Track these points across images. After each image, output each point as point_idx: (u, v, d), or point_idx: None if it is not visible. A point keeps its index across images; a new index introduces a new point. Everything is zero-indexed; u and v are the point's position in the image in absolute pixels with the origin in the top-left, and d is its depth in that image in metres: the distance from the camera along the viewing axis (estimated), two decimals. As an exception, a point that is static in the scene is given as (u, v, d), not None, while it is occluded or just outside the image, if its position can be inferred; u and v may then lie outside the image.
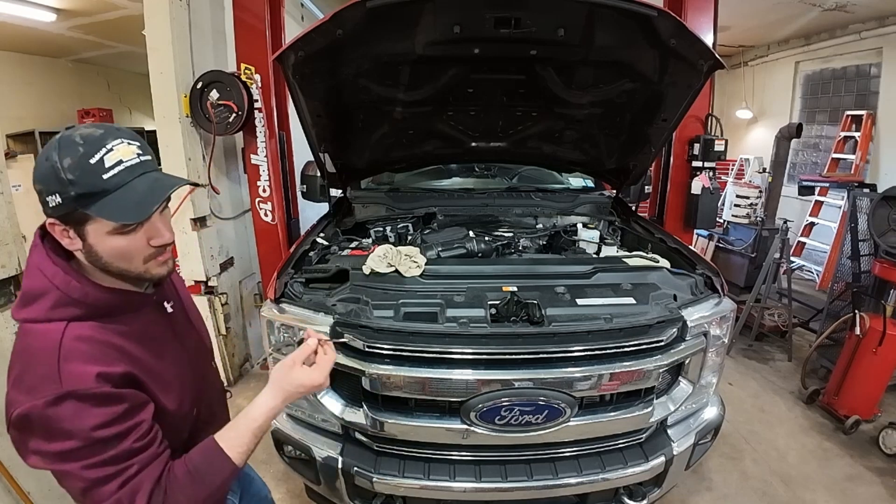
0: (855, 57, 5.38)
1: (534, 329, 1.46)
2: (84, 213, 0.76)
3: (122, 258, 0.81)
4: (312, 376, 0.91)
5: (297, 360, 0.91)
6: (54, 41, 4.76)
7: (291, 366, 0.91)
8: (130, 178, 0.78)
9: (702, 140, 3.10)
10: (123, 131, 0.81)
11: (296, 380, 0.89)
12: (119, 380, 0.78)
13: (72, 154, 0.74)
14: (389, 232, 2.36)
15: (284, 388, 0.89)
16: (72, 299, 0.79)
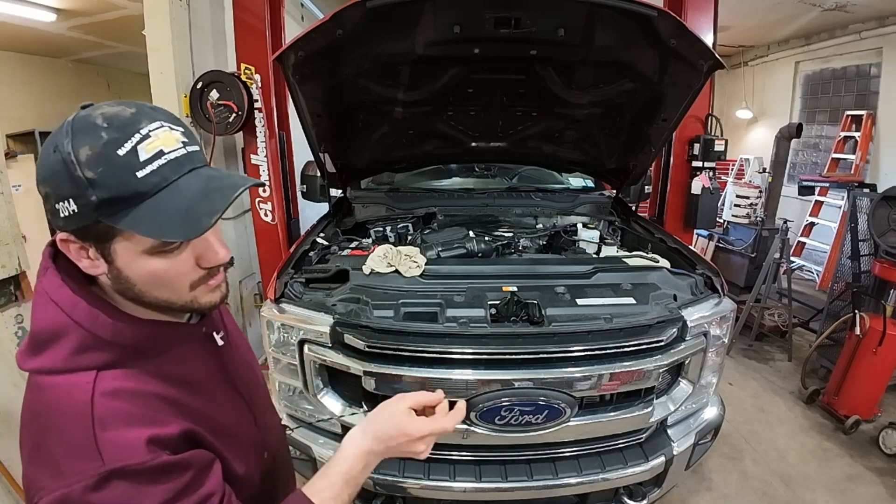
0: (855, 57, 5.38)
1: (534, 329, 1.46)
2: (110, 227, 0.56)
3: (162, 285, 0.62)
4: (424, 427, 0.71)
5: (411, 402, 0.74)
6: (54, 41, 4.76)
7: (404, 409, 0.72)
8: (175, 177, 0.57)
9: (702, 140, 3.10)
10: (161, 111, 0.61)
11: (402, 425, 0.71)
12: (177, 441, 0.60)
13: (92, 142, 0.53)
14: (389, 232, 2.36)
15: (384, 429, 0.71)
16: (101, 340, 0.59)
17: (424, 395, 0.75)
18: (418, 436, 0.70)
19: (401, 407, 0.73)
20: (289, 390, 1.67)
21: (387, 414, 0.73)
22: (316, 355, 1.52)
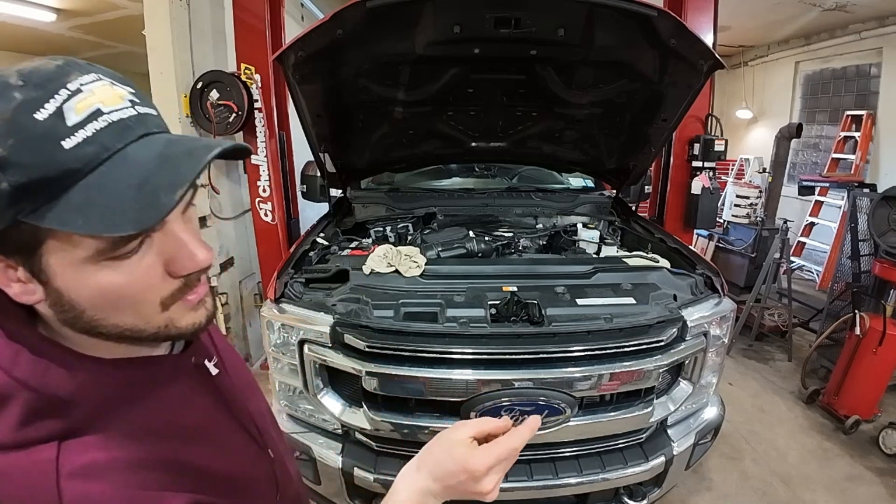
0: (855, 57, 5.38)
1: (534, 329, 1.46)
2: (35, 228, 0.39)
3: (122, 307, 0.45)
4: (488, 459, 0.56)
5: (472, 431, 0.59)
6: (54, 41, 4.75)
7: (464, 440, 0.57)
8: (120, 146, 0.41)
9: (702, 140, 3.10)
10: (100, 68, 0.48)
11: (462, 460, 0.55)
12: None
13: (2, 104, 0.38)
14: (389, 232, 2.36)
15: (443, 466, 0.56)
16: (57, 400, 0.43)
17: (488, 423, 0.61)
18: (482, 469, 0.55)
19: (459, 436, 0.58)
20: (289, 390, 1.68)
21: (444, 446, 0.58)
22: (316, 355, 1.52)
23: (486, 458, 0.55)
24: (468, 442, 0.57)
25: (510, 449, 0.57)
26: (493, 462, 0.56)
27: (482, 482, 0.55)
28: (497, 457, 0.56)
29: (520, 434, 0.60)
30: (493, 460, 0.56)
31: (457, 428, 0.60)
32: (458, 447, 0.56)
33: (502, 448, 0.57)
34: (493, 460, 0.56)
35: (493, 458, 0.56)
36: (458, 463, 0.55)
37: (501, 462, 0.56)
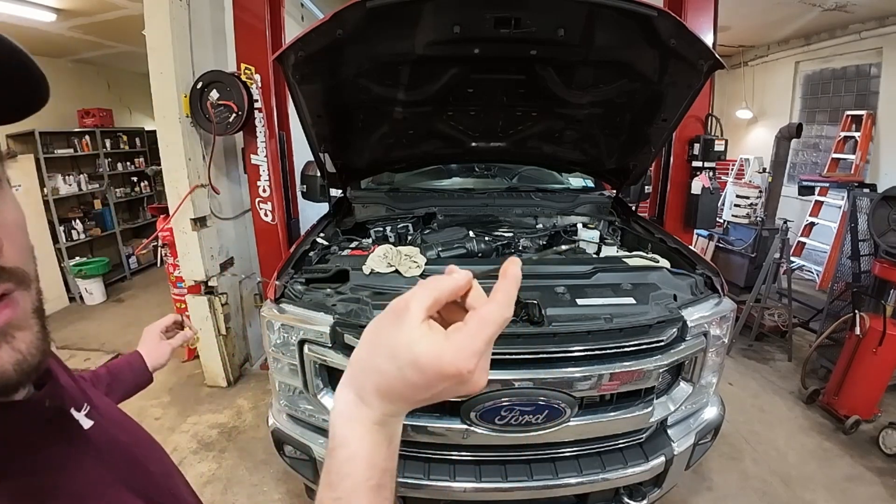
0: (855, 57, 5.37)
1: (534, 329, 1.46)
2: None
3: None
4: (470, 345, 0.35)
5: (423, 306, 0.36)
6: (54, 41, 4.75)
7: (417, 332, 0.35)
8: None
9: (702, 140, 3.10)
10: None
11: (430, 363, 0.34)
12: None
13: None
14: (389, 232, 2.36)
15: (397, 380, 0.36)
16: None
17: (440, 285, 0.37)
18: (470, 366, 0.35)
19: (410, 325, 0.35)
20: (289, 390, 1.68)
21: (391, 347, 0.35)
22: (316, 355, 1.52)
23: (469, 346, 0.35)
24: (425, 329, 0.35)
25: (497, 319, 0.36)
26: (483, 347, 0.36)
27: (472, 381, 0.36)
28: (484, 338, 0.36)
29: (502, 297, 0.37)
30: (482, 345, 0.35)
31: (399, 311, 0.36)
32: (415, 345, 0.34)
33: (486, 320, 0.36)
34: (482, 345, 0.35)
35: (481, 342, 0.35)
36: (425, 370, 0.34)
37: (492, 339, 0.36)
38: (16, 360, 0.35)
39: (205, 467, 2.48)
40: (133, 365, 0.96)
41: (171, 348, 1.03)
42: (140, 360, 0.97)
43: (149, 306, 4.97)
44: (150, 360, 0.98)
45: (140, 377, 0.96)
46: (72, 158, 5.45)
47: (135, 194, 6.38)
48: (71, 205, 5.47)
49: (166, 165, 2.84)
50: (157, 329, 1.03)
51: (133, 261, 6.01)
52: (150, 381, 1.00)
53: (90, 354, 3.81)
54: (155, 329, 1.03)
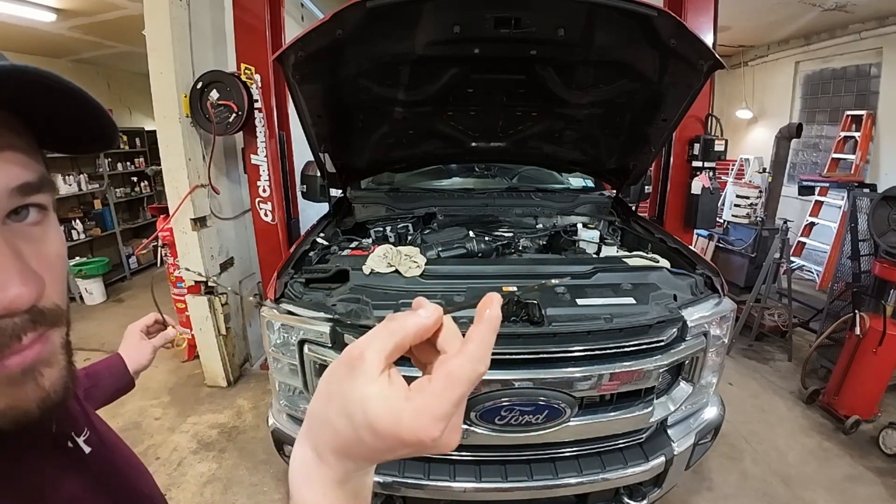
0: (855, 57, 5.37)
1: (534, 329, 1.46)
2: None
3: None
4: (440, 411, 0.29)
5: (382, 354, 0.31)
6: (54, 41, 4.75)
7: (373, 379, 0.30)
8: None
9: (702, 140, 3.10)
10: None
11: (388, 428, 0.29)
12: None
13: None
14: (389, 232, 2.36)
15: (352, 443, 0.31)
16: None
17: (401, 326, 0.33)
18: (435, 433, 0.29)
19: (366, 377, 0.30)
20: (289, 390, 1.68)
21: (344, 404, 0.30)
22: (316, 355, 1.52)
23: (433, 411, 0.29)
24: (383, 384, 0.30)
25: (467, 377, 0.30)
26: (449, 410, 0.30)
27: (438, 446, 0.30)
28: (452, 400, 0.30)
29: (479, 341, 0.32)
30: (448, 408, 0.29)
31: (353, 361, 0.31)
32: (370, 406, 0.29)
33: (455, 379, 0.30)
34: (448, 408, 0.29)
35: (447, 404, 0.29)
36: (382, 435, 0.29)
37: (463, 399, 0.31)
38: (40, 398, 0.34)
39: (205, 467, 2.48)
40: (113, 369, 0.91)
41: (154, 348, 0.97)
42: (120, 363, 0.91)
43: (149, 306, 4.93)
44: (131, 363, 0.92)
45: (120, 381, 0.91)
46: (72, 158, 5.44)
47: (135, 194, 6.39)
48: (71, 205, 5.47)
49: (166, 165, 2.84)
50: (137, 328, 0.97)
51: (133, 261, 6.01)
52: (132, 385, 0.93)
53: (90, 354, 3.81)
54: (135, 329, 0.97)
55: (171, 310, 3.89)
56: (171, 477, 2.41)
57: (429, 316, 0.33)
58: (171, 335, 1.01)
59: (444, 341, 0.34)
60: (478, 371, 0.31)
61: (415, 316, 0.33)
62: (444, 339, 0.34)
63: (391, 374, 0.31)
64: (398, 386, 0.31)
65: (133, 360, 0.93)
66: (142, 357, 0.94)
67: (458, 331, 0.35)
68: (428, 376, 0.31)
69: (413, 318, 0.33)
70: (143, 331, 0.98)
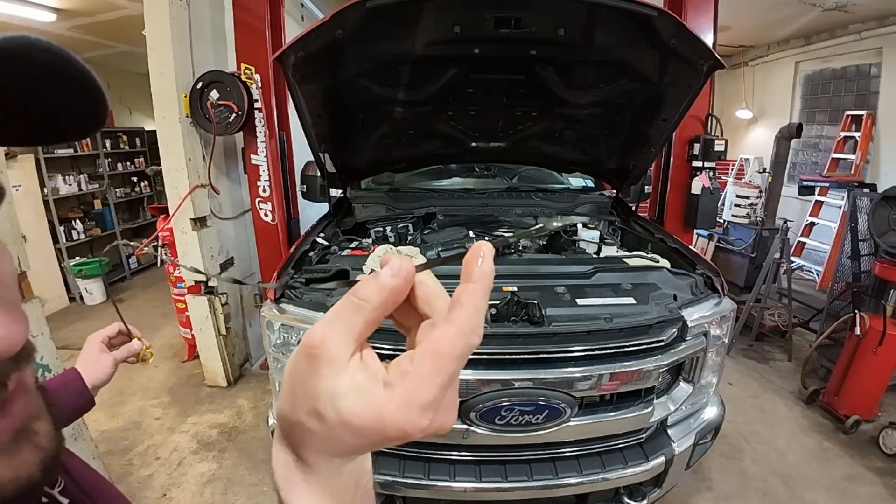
0: (855, 57, 5.37)
1: (534, 329, 1.46)
2: None
3: None
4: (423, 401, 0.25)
5: (351, 341, 0.26)
6: (54, 41, 4.76)
7: (342, 367, 0.25)
8: None
9: (702, 140, 3.10)
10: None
11: (369, 423, 0.25)
12: None
13: None
14: (389, 232, 2.36)
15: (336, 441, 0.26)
16: None
17: (364, 298, 0.27)
18: (417, 429, 0.26)
19: (333, 378, 0.25)
20: (289, 390, 1.67)
21: (309, 406, 0.26)
22: (316, 355, 1.52)
23: (419, 399, 0.25)
24: (355, 371, 0.26)
25: (457, 352, 0.26)
26: (438, 395, 0.26)
27: (430, 430, 0.26)
28: (440, 383, 0.26)
29: (469, 305, 0.26)
30: (436, 392, 0.26)
31: (312, 351, 0.26)
32: (342, 403, 0.25)
33: (441, 356, 0.26)
34: (436, 392, 0.26)
35: (435, 388, 0.25)
36: (362, 433, 0.26)
37: (454, 377, 0.27)
38: (41, 459, 0.29)
39: (205, 467, 2.48)
40: (70, 385, 0.80)
41: (115, 362, 0.86)
42: (77, 379, 0.81)
43: (149, 306, 4.97)
44: (88, 377, 0.82)
45: (78, 400, 0.80)
46: (72, 158, 5.45)
47: (135, 194, 6.39)
48: (71, 205, 5.47)
49: (166, 165, 2.84)
50: (98, 338, 0.87)
51: (133, 261, 6.01)
52: (92, 403, 0.83)
53: (90, 354, 3.81)
54: (96, 339, 0.87)
55: (171, 310, 3.90)
56: (171, 477, 2.41)
57: (394, 276, 0.27)
58: (136, 348, 0.90)
59: (426, 302, 0.28)
60: (471, 344, 0.26)
61: (376, 281, 0.27)
62: (425, 299, 0.28)
63: (364, 357, 0.26)
64: (374, 371, 0.26)
65: (91, 374, 0.83)
66: (100, 371, 0.84)
67: (441, 289, 0.29)
68: (410, 353, 0.26)
69: (375, 283, 0.27)
70: (105, 342, 0.88)
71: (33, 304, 1.66)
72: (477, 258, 0.27)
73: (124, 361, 0.89)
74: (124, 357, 0.89)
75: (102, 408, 3.02)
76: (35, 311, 1.66)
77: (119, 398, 3.14)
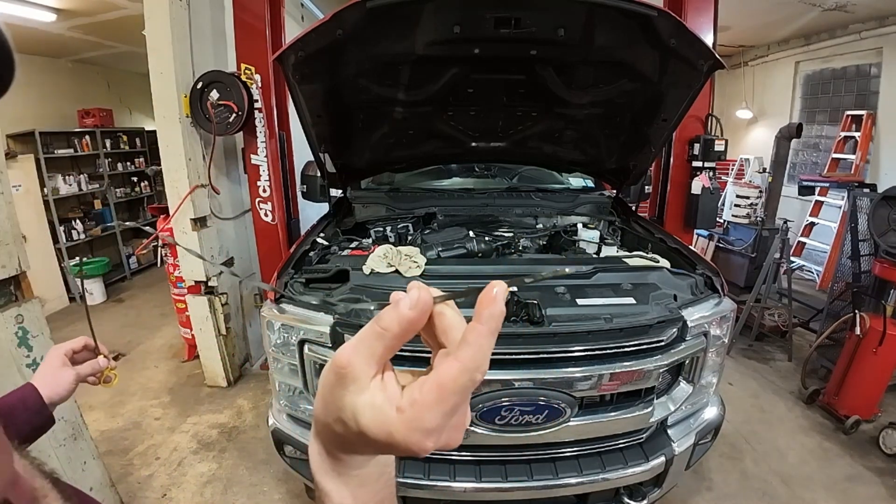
0: (855, 57, 5.38)
1: (534, 329, 1.46)
2: None
3: None
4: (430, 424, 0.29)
5: (371, 369, 0.30)
6: (54, 41, 4.75)
7: (357, 379, 0.30)
8: None
9: (702, 140, 3.10)
10: None
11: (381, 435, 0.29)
12: None
13: None
14: (389, 232, 2.36)
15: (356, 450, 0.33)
16: None
17: (386, 327, 0.30)
18: (422, 449, 0.29)
19: (355, 395, 0.29)
20: (289, 390, 1.68)
21: (336, 414, 0.30)
22: (316, 355, 1.52)
23: (423, 424, 0.28)
24: (375, 391, 0.29)
25: (460, 386, 0.29)
26: (442, 422, 0.29)
27: (437, 447, 0.30)
28: (444, 411, 0.29)
29: (475, 344, 0.30)
30: (440, 419, 0.29)
31: (340, 371, 0.30)
32: (361, 417, 0.29)
33: (446, 388, 0.29)
34: (440, 419, 0.29)
35: (439, 415, 0.28)
36: (378, 445, 0.30)
37: (457, 407, 0.30)
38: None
39: (205, 467, 2.48)
40: (28, 402, 0.75)
41: (77, 377, 0.81)
42: (34, 395, 0.75)
43: (149, 306, 4.97)
44: (46, 391, 0.76)
45: (36, 417, 0.75)
46: (72, 158, 5.45)
47: (135, 194, 6.39)
48: (71, 205, 5.47)
49: (166, 165, 2.85)
50: (61, 351, 0.81)
51: (133, 261, 6.01)
52: (51, 421, 0.77)
53: (90, 354, 3.81)
54: (58, 351, 0.81)
55: (171, 310, 3.90)
56: (171, 477, 2.41)
57: (412, 308, 0.30)
58: (102, 365, 0.85)
59: (443, 333, 0.31)
60: (474, 380, 0.29)
61: (396, 312, 0.30)
62: (443, 330, 0.31)
63: (385, 379, 0.30)
64: (391, 394, 0.29)
65: (49, 389, 0.77)
66: (60, 386, 0.78)
67: (458, 320, 0.32)
68: (421, 380, 0.29)
69: (395, 315, 0.30)
70: (69, 355, 0.82)
71: (33, 304, 1.66)
72: (491, 299, 0.30)
73: (84, 381, 0.83)
74: (88, 374, 0.83)
75: (103, 408, 3.02)
76: (35, 311, 1.66)
77: (119, 398, 3.14)
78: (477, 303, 0.30)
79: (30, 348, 1.63)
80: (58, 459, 1.75)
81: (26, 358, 1.62)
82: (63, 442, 1.79)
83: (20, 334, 1.61)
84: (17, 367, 1.59)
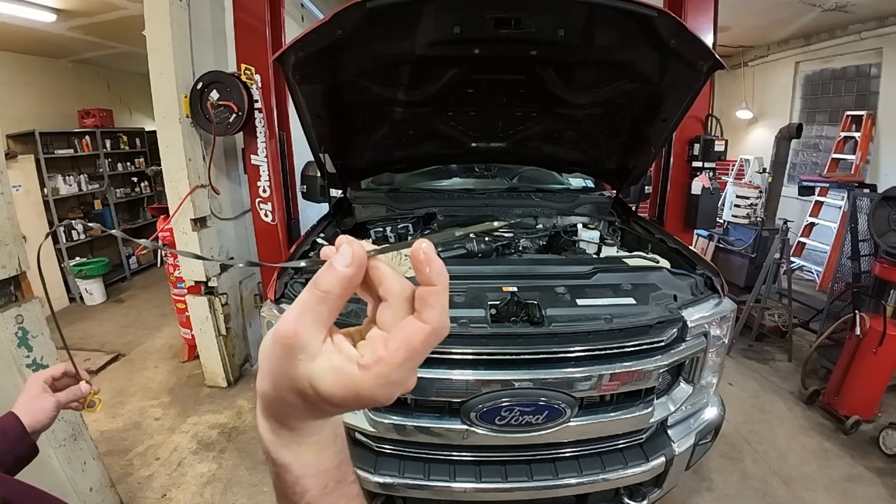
0: (855, 57, 5.38)
1: (534, 329, 1.46)
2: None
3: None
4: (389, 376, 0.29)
5: (322, 326, 0.30)
6: (54, 41, 4.75)
7: (306, 348, 0.29)
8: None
9: (702, 140, 3.10)
10: None
11: (340, 392, 0.29)
12: None
13: None
14: (389, 232, 2.36)
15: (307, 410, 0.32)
16: None
17: (324, 289, 0.30)
18: (387, 399, 0.30)
19: (308, 365, 0.29)
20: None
21: (289, 386, 0.30)
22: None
23: (390, 378, 0.29)
24: (329, 353, 0.29)
25: (427, 342, 0.30)
26: (407, 376, 0.30)
27: (397, 393, 0.30)
28: (411, 366, 0.30)
29: (433, 302, 0.32)
30: (407, 373, 0.30)
31: (286, 342, 0.29)
32: (320, 383, 0.29)
33: (413, 348, 0.30)
34: (407, 373, 0.30)
35: (407, 370, 0.30)
36: (342, 403, 0.30)
37: (418, 362, 0.30)
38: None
39: (205, 467, 2.48)
40: (9, 432, 0.74)
41: (57, 404, 0.80)
42: (16, 424, 0.74)
43: (150, 306, 4.97)
44: (27, 419, 0.76)
45: (18, 447, 0.74)
46: (72, 159, 5.45)
47: (135, 195, 6.39)
48: (71, 205, 5.47)
49: (166, 166, 2.85)
50: (41, 378, 0.81)
51: (133, 261, 6.01)
52: (35, 451, 0.77)
53: (90, 355, 3.81)
54: (39, 378, 0.81)
55: (171, 310, 3.90)
56: (171, 477, 2.41)
57: (348, 265, 0.30)
58: (84, 392, 0.83)
59: (380, 284, 0.33)
60: (441, 337, 0.31)
61: (334, 272, 0.30)
62: (379, 280, 0.33)
63: (336, 341, 0.30)
64: (348, 353, 0.30)
65: (30, 417, 0.77)
66: (41, 413, 0.78)
67: (391, 271, 0.34)
68: (383, 337, 0.30)
69: (334, 276, 0.30)
70: (49, 382, 0.82)
71: (33, 305, 1.66)
72: (428, 259, 0.32)
73: (67, 407, 0.82)
74: (68, 401, 0.82)
75: (103, 408, 3.01)
76: (35, 312, 1.66)
77: (119, 398, 3.14)
78: (415, 269, 0.32)
79: (30, 348, 1.63)
80: (58, 459, 1.76)
81: (26, 358, 1.62)
82: (63, 442, 1.79)
83: (20, 334, 1.61)
84: (17, 368, 1.59)
